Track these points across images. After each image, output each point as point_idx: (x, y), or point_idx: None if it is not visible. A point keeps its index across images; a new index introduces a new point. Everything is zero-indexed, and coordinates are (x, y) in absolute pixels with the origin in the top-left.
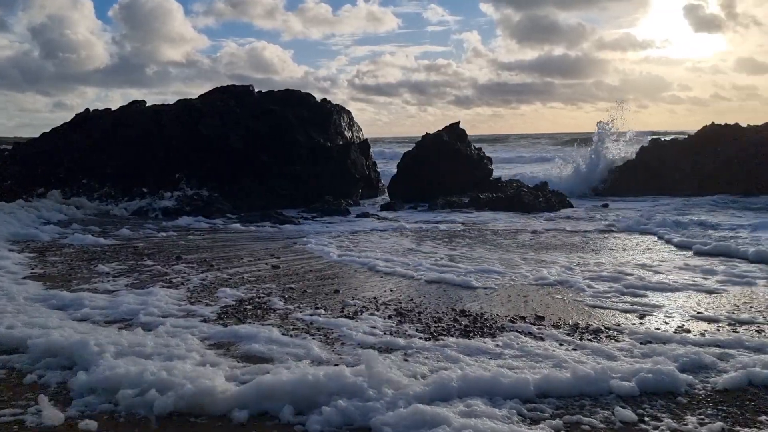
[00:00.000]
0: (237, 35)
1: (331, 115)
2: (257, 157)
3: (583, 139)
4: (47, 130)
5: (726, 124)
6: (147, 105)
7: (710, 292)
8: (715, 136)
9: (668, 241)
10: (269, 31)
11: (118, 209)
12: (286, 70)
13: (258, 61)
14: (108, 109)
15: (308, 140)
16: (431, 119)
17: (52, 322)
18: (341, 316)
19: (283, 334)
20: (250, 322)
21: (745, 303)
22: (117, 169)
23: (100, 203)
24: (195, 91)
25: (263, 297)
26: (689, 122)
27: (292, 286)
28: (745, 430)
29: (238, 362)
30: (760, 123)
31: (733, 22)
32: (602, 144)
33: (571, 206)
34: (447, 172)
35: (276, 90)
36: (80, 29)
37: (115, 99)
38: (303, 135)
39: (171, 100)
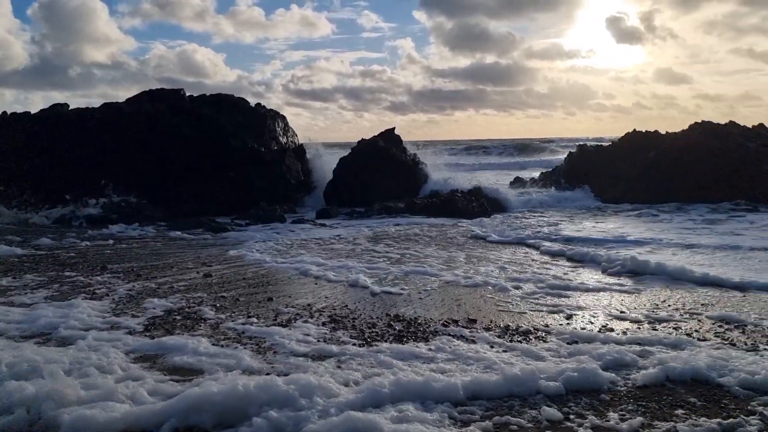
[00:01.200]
0: (166, 37)
1: (265, 119)
2: (189, 162)
3: (516, 146)
4: None
5: (647, 131)
6: (70, 108)
7: (628, 292)
8: (637, 142)
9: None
10: (200, 33)
11: (38, 217)
12: (218, 74)
13: (189, 64)
14: (27, 113)
15: (242, 145)
16: (368, 125)
17: None
18: (274, 325)
19: (213, 344)
20: (179, 333)
21: (664, 302)
22: (37, 176)
23: (18, 211)
24: (122, 94)
25: (193, 307)
26: (614, 129)
27: (224, 294)
28: (663, 423)
29: (165, 375)
30: (677, 130)
31: (651, 35)
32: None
33: (505, 210)
34: (383, 177)
35: (208, 94)
36: None
37: (36, 101)
38: (237, 140)
39: (96, 103)
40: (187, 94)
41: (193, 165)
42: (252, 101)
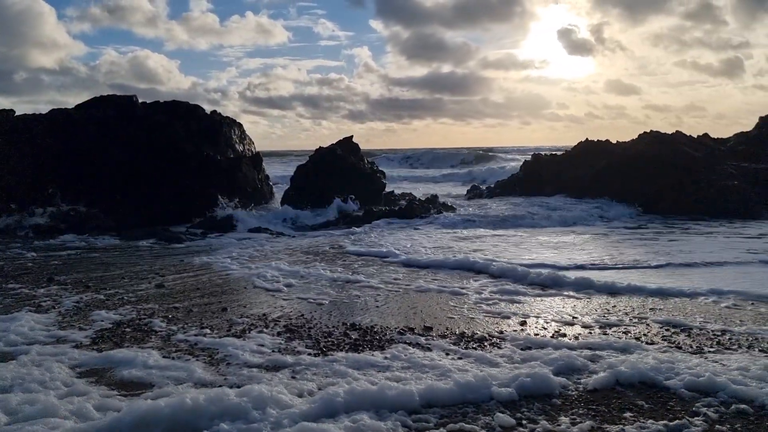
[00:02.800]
0: (117, 42)
1: (221, 127)
2: (142, 170)
3: (473, 154)
4: None
5: (598, 141)
6: (16, 114)
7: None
8: (589, 151)
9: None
10: (152, 39)
11: None
12: (172, 81)
13: (141, 70)
14: None
15: (197, 153)
16: (326, 133)
17: None
18: (228, 335)
19: (164, 356)
20: (128, 346)
21: (614, 306)
22: None
23: None
24: (71, 100)
25: (144, 318)
26: (567, 138)
27: (177, 305)
28: (612, 426)
29: (113, 389)
30: (628, 139)
31: (601, 47)
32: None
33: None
34: (341, 185)
35: (162, 101)
36: None
37: None
38: (192, 148)
39: (44, 109)
40: (140, 101)
41: (146, 173)
42: (208, 108)
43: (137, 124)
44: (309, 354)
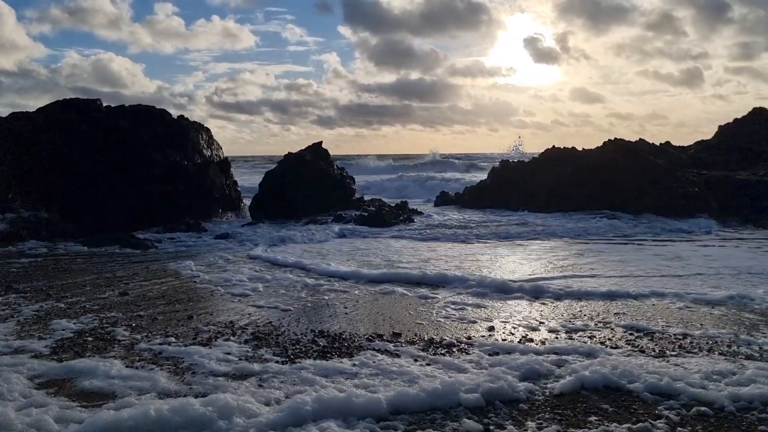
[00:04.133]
0: (79, 45)
1: (188, 132)
2: (106, 176)
3: (442, 160)
4: None
5: (564, 148)
6: None
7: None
8: (555, 158)
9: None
10: (115, 42)
11: None
12: (137, 84)
13: (105, 73)
14: None
15: (164, 158)
16: (295, 138)
17: None
18: (194, 344)
19: (127, 366)
20: (89, 356)
21: (580, 311)
22: None
23: None
24: (32, 103)
25: (107, 327)
26: (534, 145)
27: (142, 313)
28: (577, 430)
29: (73, 401)
30: (592, 147)
31: (566, 55)
32: None
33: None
34: (310, 191)
35: (127, 105)
36: None
37: None
38: (158, 153)
39: (3, 112)
40: (104, 105)
41: (110, 178)
42: (174, 113)
43: (101, 128)
44: (277, 362)
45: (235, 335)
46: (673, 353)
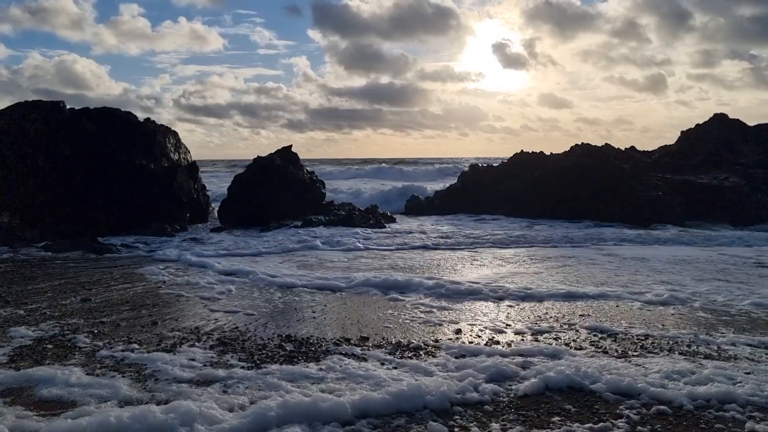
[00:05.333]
0: (41, 46)
1: (155, 135)
2: (71, 179)
3: (413, 164)
4: None
5: (533, 152)
6: None
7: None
8: (524, 162)
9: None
10: (78, 43)
11: None
12: (101, 86)
13: (68, 75)
14: None
15: (130, 162)
16: (265, 142)
17: None
18: (157, 350)
19: (87, 374)
20: (49, 363)
21: (546, 313)
22: None
23: None
24: None
25: (68, 334)
26: (504, 150)
27: (104, 320)
28: (541, 431)
29: (30, 410)
30: (560, 151)
31: (534, 61)
32: None
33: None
34: (280, 195)
35: (92, 107)
36: None
37: None
38: (124, 156)
39: None
40: (68, 107)
41: (74, 182)
42: (141, 116)
43: (65, 131)
44: (242, 367)
45: (200, 341)
46: (635, 353)
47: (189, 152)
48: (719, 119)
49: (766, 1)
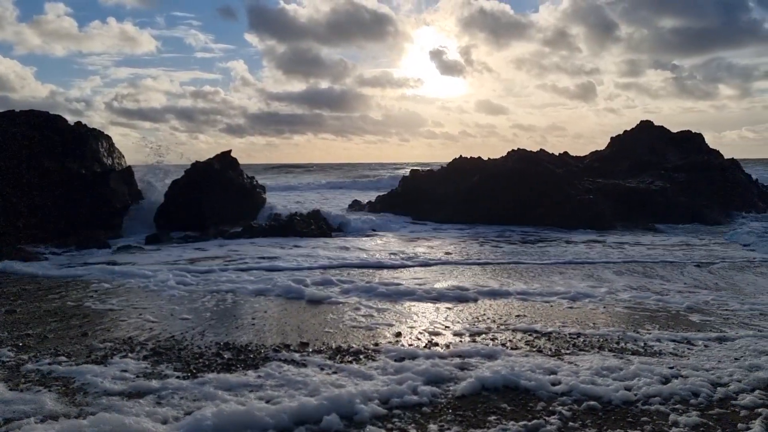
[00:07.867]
0: None
1: (86, 139)
2: None
3: (354, 169)
4: None
5: (471, 157)
6: None
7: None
8: (463, 167)
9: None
10: None
11: None
12: (26, 88)
13: None
14: None
15: (59, 167)
16: (204, 147)
17: None
18: (87, 362)
19: (10, 389)
20: None
21: (484, 314)
22: None
23: None
24: None
25: None
26: (444, 155)
27: (30, 332)
28: (477, 430)
29: None
30: (497, 157)
31: (470, 68)
32: None
33: (342, 231)
34: (219, 201)
35: (17, 110)
36: None
37: None
38: (52, 161)
39: None
40: None
41: None
42: (71, 119)
43: None
44: (177, 377)
45: (133, 351)
46: (568, 352)
47: (123, 157)
48: (645, 126)
49: (687, 13)
